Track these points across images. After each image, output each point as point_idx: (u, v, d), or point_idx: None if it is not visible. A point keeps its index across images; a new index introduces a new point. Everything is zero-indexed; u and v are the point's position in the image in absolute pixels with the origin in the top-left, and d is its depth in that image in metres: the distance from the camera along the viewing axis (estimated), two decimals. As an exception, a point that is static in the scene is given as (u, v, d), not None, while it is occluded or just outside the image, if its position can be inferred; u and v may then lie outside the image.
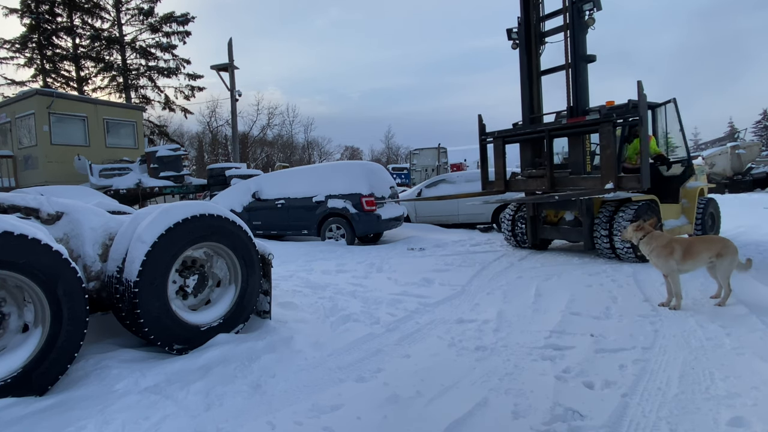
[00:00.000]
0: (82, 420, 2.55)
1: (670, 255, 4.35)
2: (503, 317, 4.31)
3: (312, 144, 55.98)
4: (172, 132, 34.92)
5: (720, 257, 4.35)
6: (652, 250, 4.45)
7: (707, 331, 3.70)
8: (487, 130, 8.24)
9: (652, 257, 4.48)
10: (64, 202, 3.55)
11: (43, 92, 14.19)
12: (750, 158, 21.86)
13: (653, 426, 2.40)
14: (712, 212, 8.25)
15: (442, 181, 12.48)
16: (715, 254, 4.37)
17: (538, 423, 2.47)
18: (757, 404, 2.54)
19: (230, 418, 2.60)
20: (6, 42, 23.87)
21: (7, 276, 2.75)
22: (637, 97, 6.14)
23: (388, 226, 9.74)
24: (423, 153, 29.63)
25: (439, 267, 6.76)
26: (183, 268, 3.70)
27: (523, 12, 7.81)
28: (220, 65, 19.56)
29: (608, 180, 6.45)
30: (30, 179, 13.60)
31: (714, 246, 4.42)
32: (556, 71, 7.69)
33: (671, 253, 4.36)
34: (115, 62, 25.77)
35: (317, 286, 5.68)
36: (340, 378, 3.11)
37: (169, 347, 3.41)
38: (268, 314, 4.14)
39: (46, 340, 2.84)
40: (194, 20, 26.10)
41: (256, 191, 10.49)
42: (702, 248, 4.42)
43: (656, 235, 4.54)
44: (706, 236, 5.34)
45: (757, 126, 55.77)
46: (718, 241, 4.52)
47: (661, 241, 4.46)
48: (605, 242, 6.80)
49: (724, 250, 4.35)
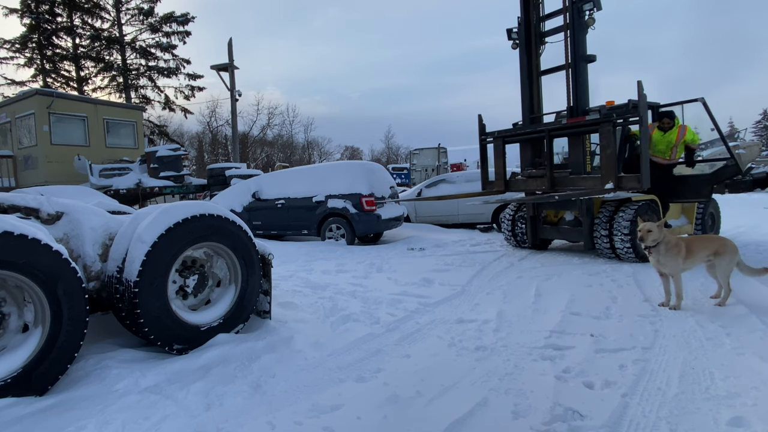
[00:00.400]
0: (82, 420, 2.55)
1: (678, 254, 4.34)
2: (503, 317, 4.31)
3: (312, 144, 56.02)
4: (172, 132, 34.93)
5: (718, 256, 4.35)
6: (668, 250, 4.37)
7: (707, 331, 3.70)
8: (487, 130, 8.24)
9: (663, 257, 4.38)
10: (64, 202, 3.55)
11: (43, 92, 14.18)
12: (750, 158, 21.85)
13: (653, 426, 2.40)
14: (712, 212, 8.25)
15: (442, 181, 12.49)
16: (713, 252, 4.37)
17: (538, 423, 2.47)
18: (757, 404, 2.54)
19: (230, 418, 2.60)
20: (6, 42, 23.89)
21: (7, 276, 2.75)
22: (637, 97, 6.15)
23: (388, 226, 9.74)
24: (423, 153, 29.64)
25: (439, 267, 6.76)
26: (183, 268, 3.70)
27: (523, 12, 7.81)
28: (220, 65, 19.56)
29: (608, 180, 6.45)
30: (30, 179, 13.60)
31: (712, 244, 4.43)
32: (556, 71, 7.69)
33: (679, 252, 4.35)
34: (115, 62, 25.77)
35: (317, 286, 5.68)
36: (340, 378, 3.11)
37: (169, 347, 3.41)
38: (268, 314, 4.14)
39: (46, 340, 2.83)
40: (194, 20, 26.13)
41: (256, 191, 10.49)
42: (700, 246, 4.43)
43: (667, 236, 4.51)
44: (705, 235, 5.31)
45: (757, 126, 55.79)
46: (717, 239, 4.54)
47: (671, 241, 4.42)
48: (605, 242, 6.80)
49: (722, 249, 4.35)
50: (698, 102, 7.26)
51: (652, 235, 4.33)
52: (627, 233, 6.51)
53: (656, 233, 4.34)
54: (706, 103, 7.20)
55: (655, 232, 4.34)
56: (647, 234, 4.32)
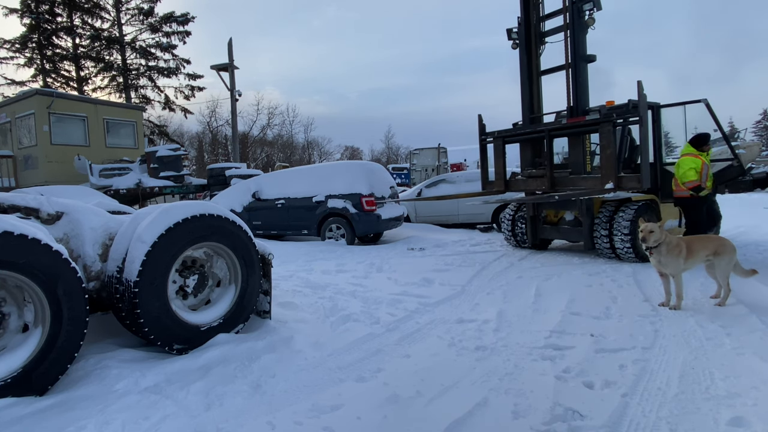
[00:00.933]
0: (82, 420, 2.55)
1: (680, 254, 4.35)
2: (503, 317, 4.31)
3: (312, 144, 56.00)
4: (172, 132, 34.91)
5: (717, 255, 4.37)
6: (669, 250, 4.37)
7: (707, 331, 3.70)
8: (487, 130, 8.24)
9: (664, 257, 4.38)
10: (64, 202, 3.55)
11: (43, 92, 14.18)
12: (750, 158, 21.86)
13: (653, 426, 2.40)
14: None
15: (442, 181, 12.49)
16: (713, 252, 4.39)
17: (538, 423, 2.47)
18: (757, 404, 2.54)
19: (230, 418, 2.60)
20: (6, 42, 23.87)
21: (7, 276, 2.75)
22: (637, 97, 6.15)
23: (388, 226, 9.74)
24: (423, 153, 29.62)
25: (439, 267, 6.76)
26: (183, 268, 3.70)
27: (523, 12, 7.81)
28: (220, 65, 19.54)
29: (608, 180, 6.45)
30: (30, 179, 13.60)
31: (711, 244, 4.44)
32: (556, 71, 7.70)
33: (680, 252, 4.36)
34: (115, 62, 25.76)
35: (317, 286, 5.68)
36: (340, 378, 3.11)
37: (169, 347, 3.41)
38: (268, 314, 4.14)
39: (46, 340, 2.84)
40: (194, 20, 26.12)
41: (256, 191, 10.49)
42: (700, 246, 4.44)
43: (668, 236, 4.51)
44: (704, 235, 5.32)
45: (757, 126, 55.77)
46: (716, 239, 4.55)
47: (672, 242, 4.43)
48: (605, 242, 6.80)
49: (721, 249, 4.37)
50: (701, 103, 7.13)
51: (654, 235, 4.34)
52: (627, 233, 6.51)
53: (658, 234, 4.35)
54: (710, 104, 7.13)
55: (657, 233, 4.35)
56: (649, 234, 4.34)
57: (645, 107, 6.24)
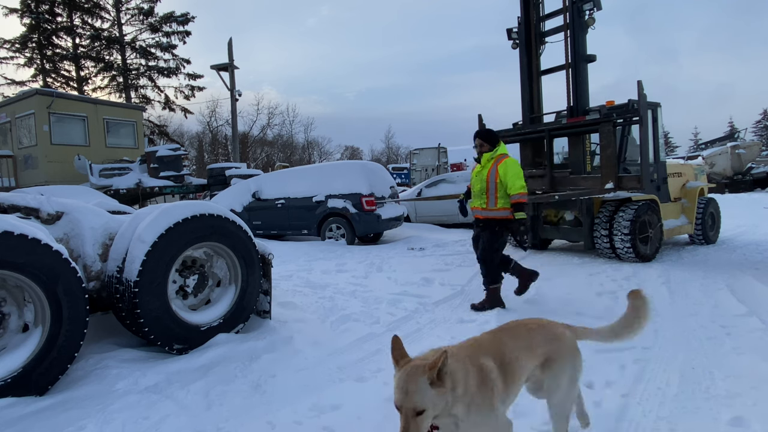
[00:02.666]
0: (82, 420, 2.55)
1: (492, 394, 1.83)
2: (503, 317, 4.30)
3: (312, 144, 55.96)
4: (172, 132, 34.88)
5: (547, 365, 2.07)
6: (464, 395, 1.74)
7: (707, 331, 3.70)
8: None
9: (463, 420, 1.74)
10: (64, 202, 3.55)
11: (43, 92, 14.17)
12: (750, 158, 21.86)
13: (653, 426, 2.40)
14: (712, 212, 8.25)
15: (442, 181, 12.48)
16: (540, 362, 2.07)
17: (539, 423, 2.47)
18: (757, 404, 2.54)
19: (230, 418, 2.60)
20: (6, 42, 23.85)
21: (7, 276, 2.75)
22: (638, 97, 6.15)
23: (388, 226, 9.74)
24: (423, 153, 29.58)
25: (439, 267, 6.76)
26: (183, 268, 3.70)
27: (523, 12, 7.81)
28: (220, 65, 19.54)
29: (608, 180, 6.45)
30: (30, 179, 13.59)
31: (536, 345, 2.08)
32: (556, 71, 7.70)
33: (488, 388, 1.83)
34: (115, 62, 25.75)
35: (317, 286, 5.68)
36: (340, 378, 3.11)
37: (169, 347, 3.41)
38: (268, 314, 4.14)
39: (46, 340, 2.84)
40: (194, 20, 26.12)
41: (256, 191, 10.49)
42: (517, 354, 2.02)
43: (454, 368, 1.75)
44: (519, 322, 2.25)
45: (757, 126, 55.77)
46: (545, 330, 2.16)
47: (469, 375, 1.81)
48: (605, 242, 6.80)
49: (553, 353, 2.09)
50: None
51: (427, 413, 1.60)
52: (627, 233, 6.51)
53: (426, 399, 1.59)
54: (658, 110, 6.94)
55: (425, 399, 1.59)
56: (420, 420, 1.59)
57: (645, 107, 6.24)
